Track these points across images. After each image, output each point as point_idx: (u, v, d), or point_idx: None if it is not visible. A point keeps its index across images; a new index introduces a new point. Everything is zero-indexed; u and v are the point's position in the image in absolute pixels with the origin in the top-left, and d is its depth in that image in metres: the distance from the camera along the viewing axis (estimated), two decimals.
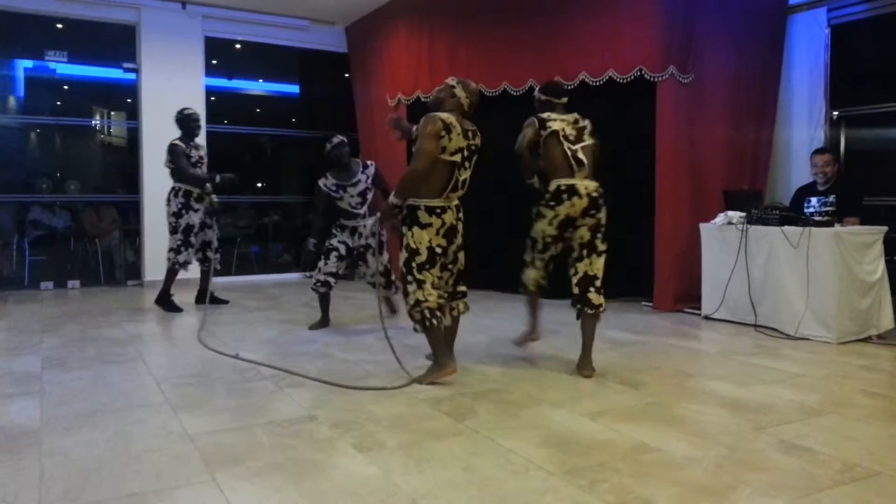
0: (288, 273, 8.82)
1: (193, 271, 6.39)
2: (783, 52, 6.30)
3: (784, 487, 2.35)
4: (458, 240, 3.71)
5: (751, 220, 5.14)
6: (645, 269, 6.00)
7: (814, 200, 5.26)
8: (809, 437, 2.84)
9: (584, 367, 3.86)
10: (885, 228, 4.87)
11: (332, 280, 5.07)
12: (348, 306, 6.24)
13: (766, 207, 5.17)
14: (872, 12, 5.93)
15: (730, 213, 5.36)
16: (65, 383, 3.64)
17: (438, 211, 3.56)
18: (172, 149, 5.83)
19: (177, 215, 5.85)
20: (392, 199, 3.62)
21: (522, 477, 2.43)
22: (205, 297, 6.15)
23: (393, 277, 5.08)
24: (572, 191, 3.82)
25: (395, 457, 2.61)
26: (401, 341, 3.87)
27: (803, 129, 6.26)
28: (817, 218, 4.97)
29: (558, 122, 3.96)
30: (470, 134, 3.64)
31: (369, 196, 4.99)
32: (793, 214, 5.03)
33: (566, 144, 3.89)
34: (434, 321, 3.54)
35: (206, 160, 6.07)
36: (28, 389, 3.52)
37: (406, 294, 3.62)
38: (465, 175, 3.64)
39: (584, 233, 3.87)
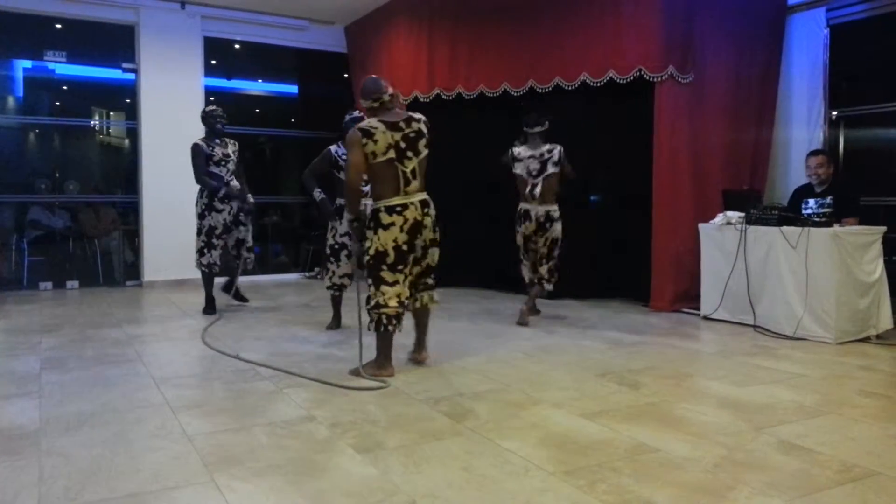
0: (287, 273, 8.81)
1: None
2: (782, 52, 6.30)
3: (783, 487, 2.35)
4: (427, 234, 3.76)
5: (750, 221, 5.14)
6: (644, 269, 6.00)
7: (811, 202, 5.25)
8: (808, 437, 2.84)
9: (527, 313, 5.31)
10: (883, 228, 4.87)
11: (347, 281, 5.08)
12: (347, 306, 6.23)
13: (764, 208, 5.17)
14: (871, 12, 5.93)
15: (729, 213, 5.36)
16: (64, 384, 3.64)
17: (399, 209, 3.64)
18: (192, 149, 5.75)
19: (200, 217, 5.76)
20: (346, 215, 3.83)
21: (521, 477, 2.43)
22: (231, 287, 6.04)
23: None
24: (526, 216, 5.26)
25: (395, 457, 2.61)
26: (397, 340, 3.86)
27: (802, 129, 6.26)
28: (816, 219, 4.97)
29: (524, 162, 5.24)
30: (401, 124, 3.69)
31: None
32: (791, 215, 5.03)
33: (530, 179, 5.21)
34: (390, 328, 3.69)
35: (233, 157, 5.90)
36: (27, 390, 3.52)
37: (368, 299, 3.72)
38: (412, 165, 3.69)
39: (541, 244, 5.28)
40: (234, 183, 5.82)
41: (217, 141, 5.85)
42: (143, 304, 6.52)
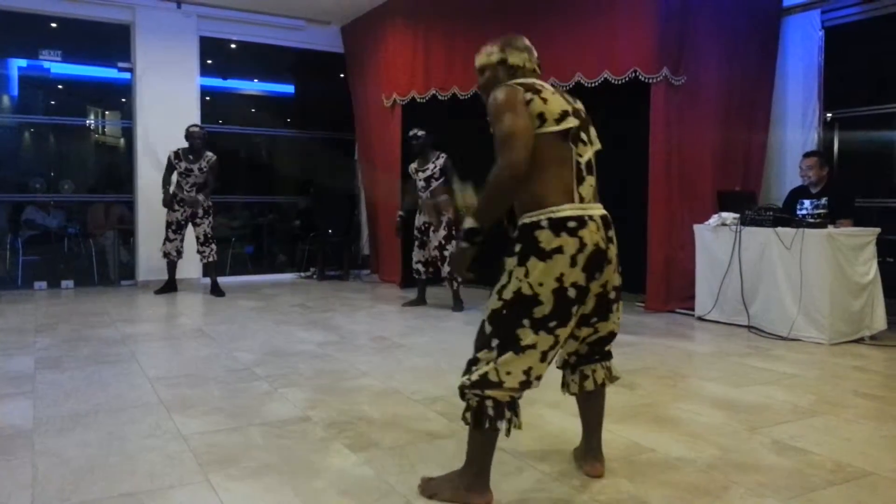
0: (282, 273, 8.80)
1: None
2: (777, 54, 6.32)
3: (777, 488, 2.36)
4: (610, 275, 2.28)
5: (744, 222, 5.15)
6: (638, 269, 6.00)
7: (806, 203, 5.27)
8: (802, 437, 2.85)
9: None
10: (877, 230, 4.89)
11: (421, 267, 6.00)
12: (344, 306, 6.24)
13: (759, 209, 5.19)
14: (866, 14, 5.94)
15: (723, 214, 5.37)
16: (58, 383, 3.63)
17: (573, 226, 2.14)
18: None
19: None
20: (468, 222, 2.19)
21: (516, 477, 2.44)
22: (215, 288, 6.95)
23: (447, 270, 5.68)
24: None
25: (390, 457, 2.61)
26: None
27: (797, 130, 6.27)
28: (810, 220, 4.99)
29: None
30: (568, 97, 2.36)
31: (433, 183, 5.92)
32: (786, 216, 5.04)
33: None
34: (497, 423, 2.17)
35: (196, 172, 6.75)
36: (21, 389, 3.51)
37: (473, 362, 2.20)
38: (588, 154, 2.28)
39: None
40: (189, 194, 6.74)
41: (190, 156, 6.74)
42: (138, 304, 6.51)
